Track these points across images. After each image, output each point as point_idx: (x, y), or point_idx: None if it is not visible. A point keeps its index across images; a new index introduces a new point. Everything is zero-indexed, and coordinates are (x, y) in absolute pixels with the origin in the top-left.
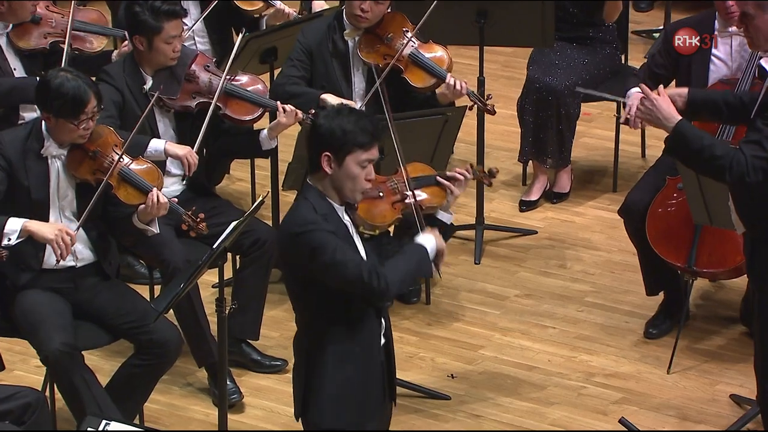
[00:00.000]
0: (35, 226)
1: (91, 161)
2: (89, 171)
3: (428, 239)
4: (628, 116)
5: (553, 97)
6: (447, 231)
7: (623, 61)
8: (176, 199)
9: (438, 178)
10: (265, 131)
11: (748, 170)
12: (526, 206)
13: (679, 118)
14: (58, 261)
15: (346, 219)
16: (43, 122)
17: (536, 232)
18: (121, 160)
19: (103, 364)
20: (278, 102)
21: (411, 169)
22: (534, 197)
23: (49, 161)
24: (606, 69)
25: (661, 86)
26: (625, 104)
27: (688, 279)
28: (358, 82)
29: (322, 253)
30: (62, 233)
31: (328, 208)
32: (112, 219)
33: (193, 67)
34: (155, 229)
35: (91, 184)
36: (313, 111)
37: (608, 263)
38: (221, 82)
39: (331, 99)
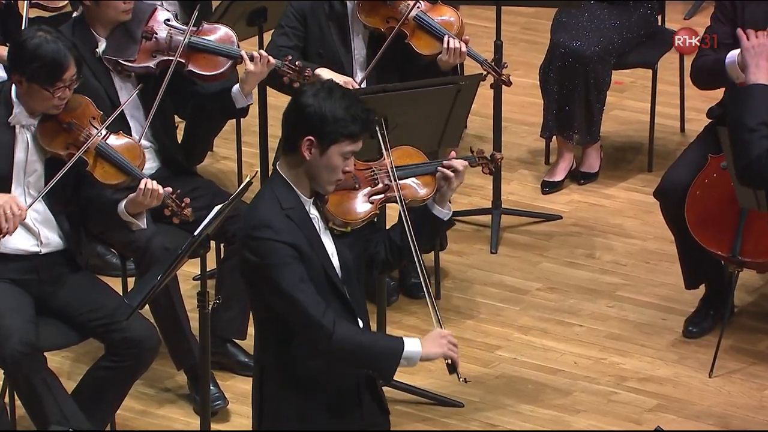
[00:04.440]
0: None
1: (66, 134)
2: (62, 145)
3: (413, 344)
4: None
5: (581, 63)
6: (442, 227)
7: (660, 23)
8: (170, 190)
9: (432, 167)
10: (237, 86)
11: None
12: (549, 188)
13: (762, 81)
14: (2, 235)
15: (314, 213)
16: (13, 86)
17: (561, 218)
18: (99, 134)
19: (69, 367)
20: (242, 50)
21: (398, 154)
22: (558, 178)
23: (17, 131)
24: (640, 32)
25: None
26: None
27: (733, 270)
28: (359, 48)
29: (274, 276)
30: (10, 203)
31: (294, 201)
32: (87, 202)
33: (151, 23)
34: (143, 223)
35: (63, 160)
36: (290, 57)
37: (642, 252)
38: (185, 35)
39: (327, 74)
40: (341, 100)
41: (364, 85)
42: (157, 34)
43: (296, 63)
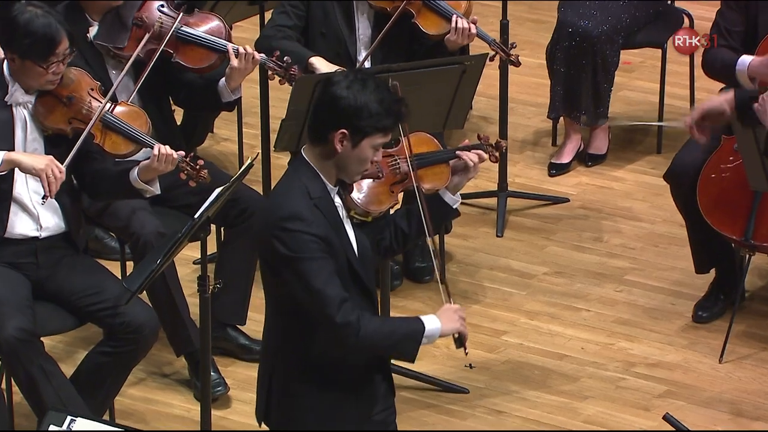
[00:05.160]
0: (22, 156)
1: (66, 108)
2: (64, 119)
3: (432, 322)
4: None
5: (588, 43)
6: (451, 215)
7: (669, 1)
8: (182, 153)
9: (449, 155)
10: (223, 80)
11: None
12: (556, 170)
13: None
14: (45, 198)
15: (338, 202)
16: (5, 64)
17: (568, 200)
18: (104, 105)
19: (67, 353)
20: (228, 45)
21: (414, 141)
22: (566, 160)
23: (14, 109)
24: (649, 10)
25: None
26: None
27: (745, 254)
28: (363, 29)
29: (303, 269)
30: (53, 164)
31: (322, 190)
32: (90, 179)
33: (144, 9)
34: (156, 189)
35: (67, 135)
36: (278, 53)
37: (651, 236)
38: (174, 24)
39: (320, 64)
40: (375, 92)
41: (367, 64)
42: (147, 21)
43: (284, 59)
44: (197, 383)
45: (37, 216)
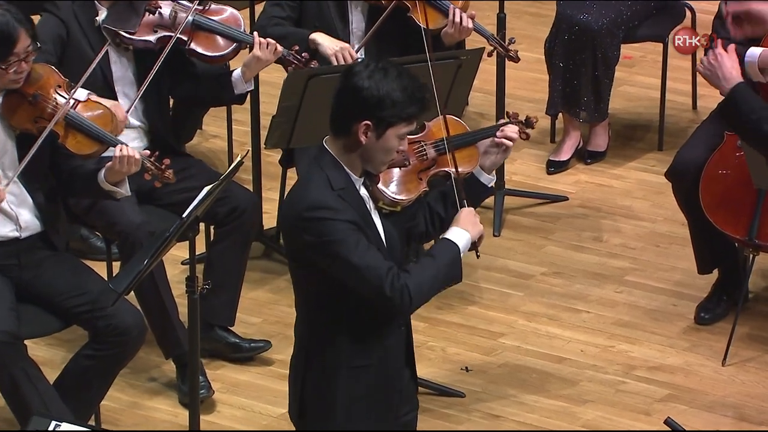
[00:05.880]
0: None
1: (31, 107)
2: (29, 119)
3: (461, 235)
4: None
5: (588, 37)
6: (487, 194)
7: None
8: (147, 152)
9: (480, 135)
10: (239, 70)
11: None
12: (555, 167)
13: (739, 80)
14: None
15: (364, 193)
16: None
17: (567, 199)
18: (67, 103)
19: (52, 356)
20: (255, 34)
21: (440, 126)
22: (564, 157)
23: None
24: (650, 3)
25: (733, 45)
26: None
27: (749, 254)
28: (357, 22)
29: (339, 251)
30: None
31: (345, 181)
32: (69, 175)
33: None
34: (126, 190)
35: (34, 135)
36: (297, 47)
37: (652, 235)
38: (190, 11)
39: (323, 39)
40: (398, 80)
41: (359, 55)
42: (161, 8)
43: (303, 54)
44: (183, 387)
45: (15, 217)
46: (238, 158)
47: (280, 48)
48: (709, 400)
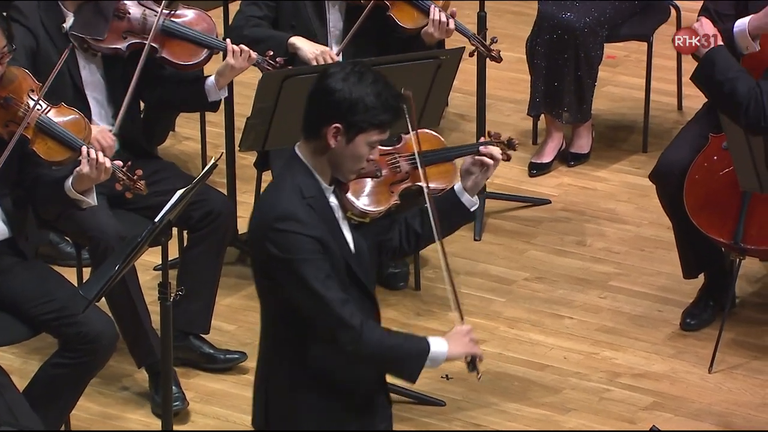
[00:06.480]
0: None
1: (3, 110)
2: (0, 122)
3: (440, 345)
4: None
5: (570, 36)
6: (469, 218)
7: None
8: (119, 163)
9: (456, 153)
10: (212, 78)
11: (766, 112)
12: (537, 170)
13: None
14: None
15: (333, 202)
16: None
17: (549, 202)
18: (38, 107)
19: (20, 364)
20: (228, 41)
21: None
22: (547, 159)
23: None
24: (634, 2)
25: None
26: None
27: (735, 258)
28: (334, 21)
29: (300, 269)
30: None
31: (316, 189)
32: (33, 182)
33: (124, 0)
34: (92, 200)
35: (4, 139)
36: (271, 53)
37: (637, 239)
38: (157, 17)
39: (302, 43)
40: (373, 85)
41: (339, 59)
42: (130, 13)
43: (277, 59)
44: (156, 397)
45: None
46: (212, 161)
47: (254, 54)
48: (695, 408)
